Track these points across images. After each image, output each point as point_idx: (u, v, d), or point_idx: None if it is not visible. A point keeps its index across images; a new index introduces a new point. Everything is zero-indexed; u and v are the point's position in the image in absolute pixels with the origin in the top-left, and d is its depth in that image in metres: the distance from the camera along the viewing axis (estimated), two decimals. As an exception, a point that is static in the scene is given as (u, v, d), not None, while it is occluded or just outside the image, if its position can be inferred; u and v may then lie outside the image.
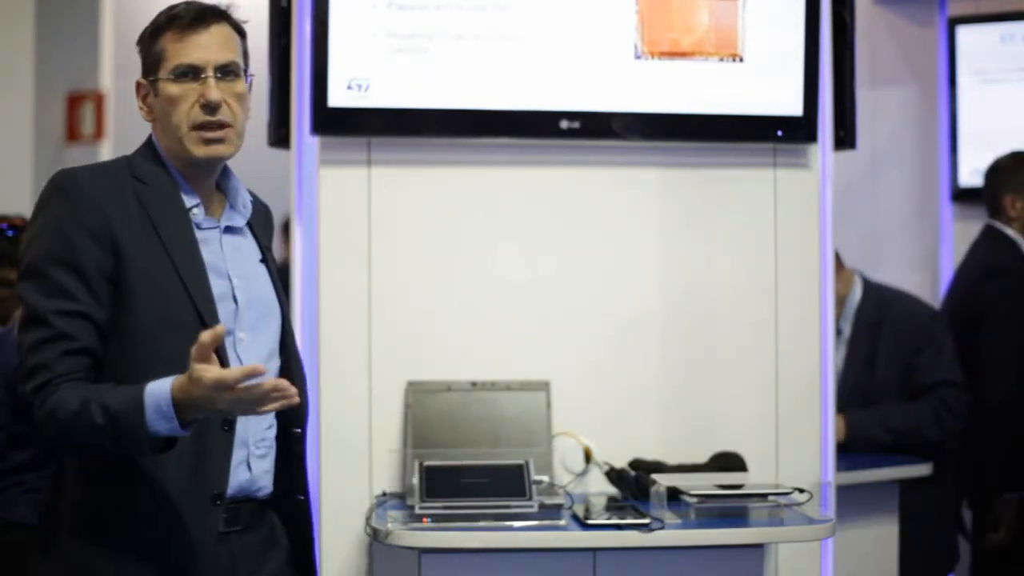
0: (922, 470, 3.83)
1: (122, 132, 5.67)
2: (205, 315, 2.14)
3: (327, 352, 3.05)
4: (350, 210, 3.08)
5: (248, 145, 2.31)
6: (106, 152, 5.88)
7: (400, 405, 3.05)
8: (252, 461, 2.22)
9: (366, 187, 3.08)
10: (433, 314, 3.10)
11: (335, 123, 3.03)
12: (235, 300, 2.21)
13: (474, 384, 3.07)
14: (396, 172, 3.10)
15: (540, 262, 3.14)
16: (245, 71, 2.26)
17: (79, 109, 6.24)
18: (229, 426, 2.16)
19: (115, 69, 5.93)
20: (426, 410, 3.03)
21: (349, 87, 3.01)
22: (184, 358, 2.03)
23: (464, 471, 2.75)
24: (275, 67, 3.17)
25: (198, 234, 2.22)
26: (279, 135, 3.18)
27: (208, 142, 2.20)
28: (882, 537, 3.78)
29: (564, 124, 3.09)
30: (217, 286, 2.19)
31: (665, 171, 3.19)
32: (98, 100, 6.04)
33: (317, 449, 3.02)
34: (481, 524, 2.66)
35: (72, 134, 6.26)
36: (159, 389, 2.03)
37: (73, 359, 2.08)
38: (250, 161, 3.89)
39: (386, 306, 3.08)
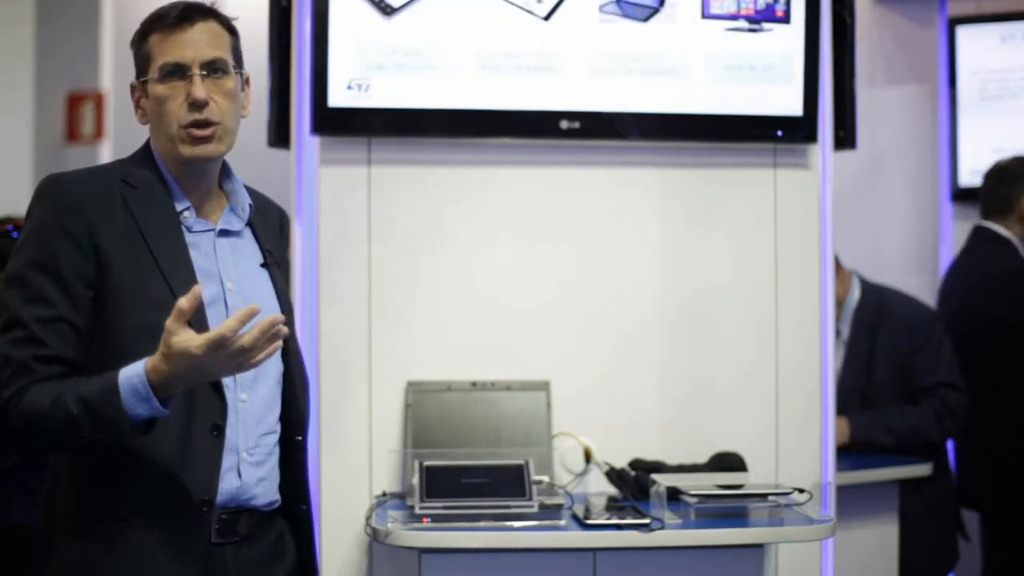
0: (922, 470, 3.84)
1: (122, 132, 5.67)
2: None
3: (327, 352, 3.04)
4: (350, 210, 3.08)
5: (248, 145, 2.30)
6: (106, 152, 5.88)
7: (400, 405, 3.05)
8: (243, 468, 2.18)
9: (366, 187, 3.09)
10: (433, 314, 3.10)
11: (335, 123, 3.03)
12: (226, 304, 2.18)
13: (474, 384, 3.07)
14: (396, 172, 3.10)
15: (540, 262, 3.14)
16: (238, 69, 2.24)
17: (79, 109, 6.24)
18: (218, 432, 2.13)
19: (115, 69, 5.93)
20: (426, 410, 3.03)
21: (349, 87, 3.01)
22: None
23: (464, 471, 2.75)
24: (275, 67, 3.17)
25: (189, 237, 2.20)
26: (279, 135, 3.18)
27: (196, 141, 2.18)
28: (882, 537, 3.78)
29: (564, 124, 3.09)
30: (208, 290, 2.16)
31: (665, 171, 3.19)
32: (98, 100, 6.03)
33: (317, 449, 3.02)
34: (481, 524, 2.66)
35: (72, 134, 6.26)
36: (132, 372, 2.02)
37: (45, 366, 2.07)
38: (250, 161, 3.90)
39: (386, 306, 3.08)
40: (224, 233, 2.25)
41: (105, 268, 2.11)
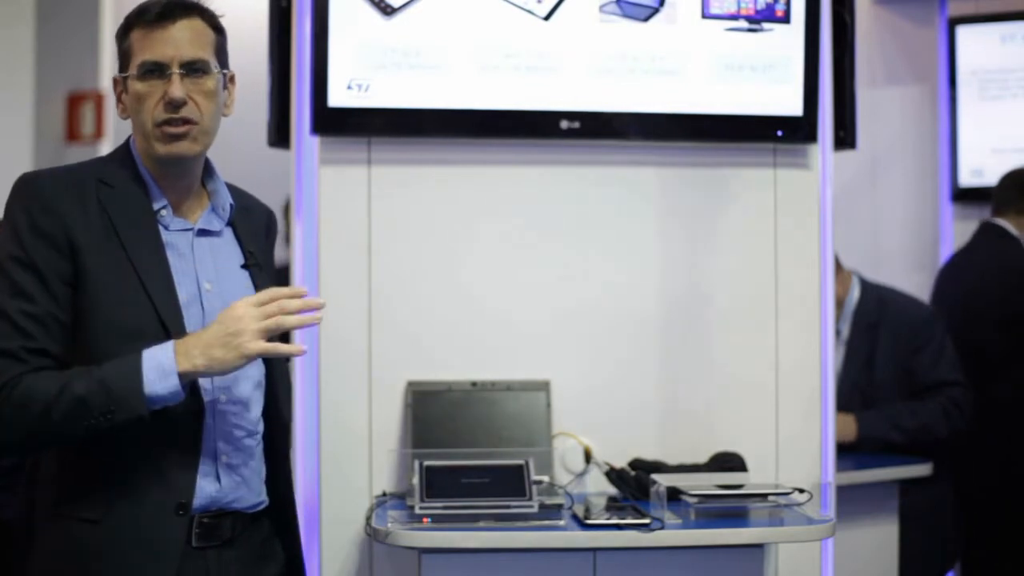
0: (922, 470, 3.84)
1: (122, 132, 5.64)
2: (168, 321, 2.09)
3: (327, 352, 3.04)
4: (350, 210, 3.08)
5: (248, 145, 2.28)
6: (106, 152, 5.87)
7: (400, 405, 3.05)
8: (222, 471, 2.15)
9: (366, 187, 3.08)
10: (433, 314, 3.10)
11: (335, 123, 3.03)
12: (202, 306, 2.16)
13: (474, 384, 3.07)
14: (396, 172, 3.10)
15: (540, 262, 3.14)
16: (221, 69, 2.20)
17: (79, 109, 6.24)
18: (195, 435, 2.12)
19: (115, 69, 5.93)
20: (426, 410, 3.03)
21: (349, 87, 3.01)
22: None
23: (464, 471, 2.75)
24: (275, 67, 3.17)
25: (165, 236, 2.16)
26: (279, 135, 3.18)
27: (171, 139, 2.14)
28: (882, 537, 3.78)
29: (564, 124, 3.09)
30: (184, 291, 2.14)
31: (665, 171, 3.19)
32: (98, 100, 6.04)
33: (317, 449, 3.02)
34: (481, 524, 2.65)
35: (72, 134, 6.26)
36: (156, 347, 2.03)
37: (36, 357, 2.05)
38: (250, 161, 3.88)
39: (386, 306, 3.08)
40: (203, 233, 2.22)
41: (82, 267, 2.08)
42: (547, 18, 3.07)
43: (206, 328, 2.08)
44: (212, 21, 2.21)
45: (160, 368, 2.02)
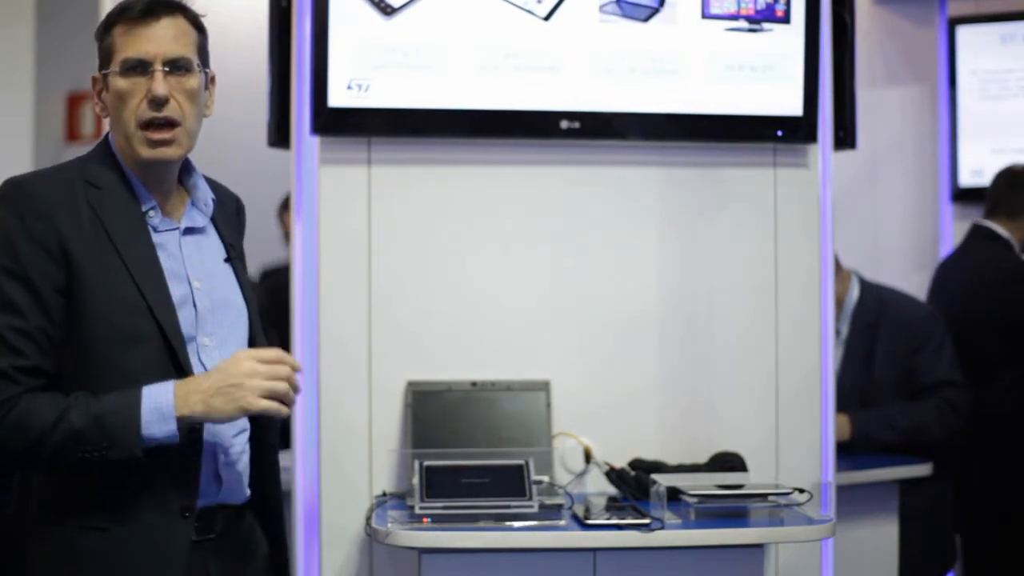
0: (922, 470, 3.84)
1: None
2: (164, 324, 2.08)
3: (327, 352, 3.04)
4: (350, 210, 3.08)
5: (248, 145, 2.27)
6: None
7: (400, 405, 3.05)
8: (222, 470, 2.16)
9: (366, 187, 3.08)
10: (433, 314, 3.10)
11: (335, 123, 3.03)
12: (195, 305, 2.15)
13: (474, 384, 3.07)
14: (396, 172, 3.10)
15: (540, 261, 3.14)
16: (203, 68, 2.19)
17: (79, 109, 6.25)
18: (196, 436, 2.11)
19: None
20: (426, 410, 3.03)
21: (349, 87, 3.01)
22: (144, 370, 2.03)
23: (464, 471, 2.75)
24: (275, 67, 3.17)
25: (155, 237, 2.15)
26: (279, 135, 3.18)
27: (154, 144, 2.13)
28: (882, 537, 3.78)
29: (564, 124, 3.09)
30: (176, 291, 2.13)
31: (665, 171, 3.19)
32: (98, 100, 6.04)
33: (317, 449, 3.02)
34: (481, 524, 2.65)
35: (72, 134, 6.27)
36: (158, 390, 2.02)
37: (27, 377, 2.04)
38: (250, 161, 3.88)
39: (386, 306, 3.08)
40: (188, 231, 2.22)
41: (75, 273, 2.06)
42: (547, 18, 3.07)
43: (207, 374, 2.08)
44: (195, 20, 2.20)
45: (159, 411, 2.02)
